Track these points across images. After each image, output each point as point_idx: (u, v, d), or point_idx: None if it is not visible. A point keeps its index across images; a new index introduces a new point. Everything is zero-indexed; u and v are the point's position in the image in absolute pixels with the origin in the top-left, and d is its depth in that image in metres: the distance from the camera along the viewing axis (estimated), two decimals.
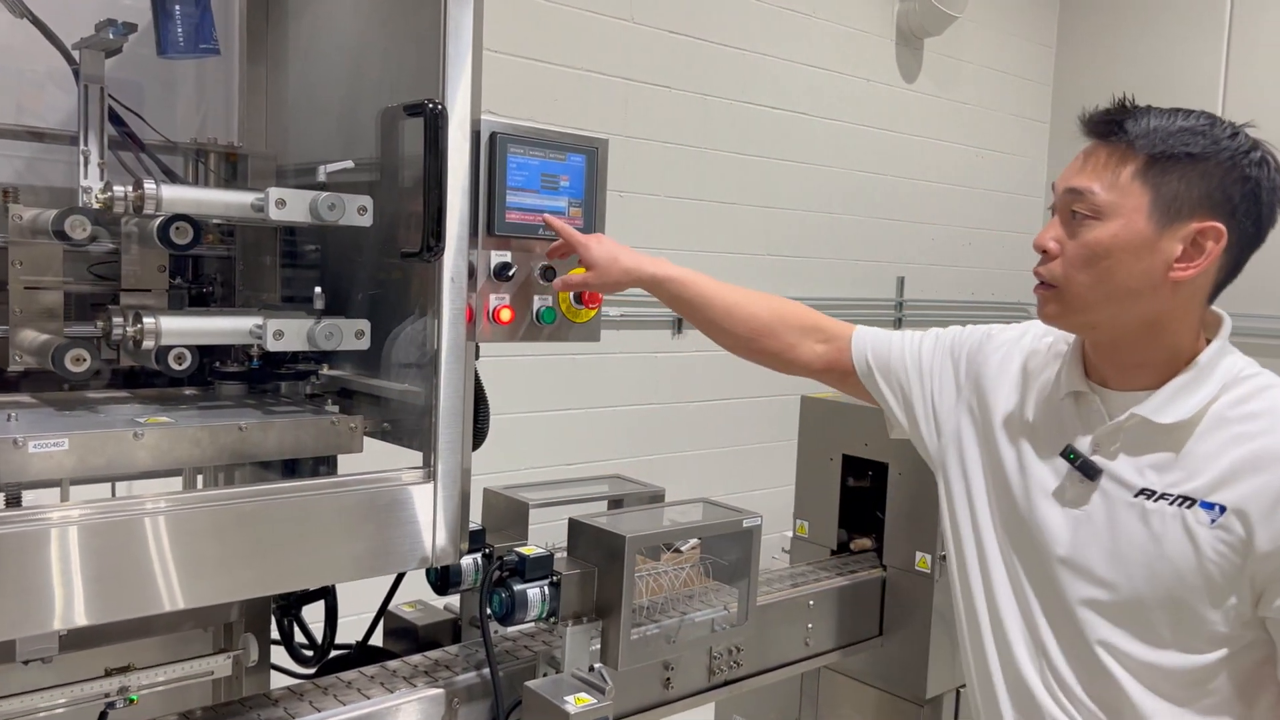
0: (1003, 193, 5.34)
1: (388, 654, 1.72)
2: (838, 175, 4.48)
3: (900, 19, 4.66)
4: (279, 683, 1.56)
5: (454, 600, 1.78)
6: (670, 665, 1.73)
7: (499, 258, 1.47)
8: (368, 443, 1.45)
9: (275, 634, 1.72)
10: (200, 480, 1.64)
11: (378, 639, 1.82)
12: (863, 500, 2.26)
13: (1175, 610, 1.28)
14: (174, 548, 1.18)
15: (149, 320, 1.31)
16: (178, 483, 1.60)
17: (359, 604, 1.77)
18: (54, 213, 1.34)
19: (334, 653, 1.75)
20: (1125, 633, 1.32)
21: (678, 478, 3.84)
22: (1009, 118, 5.35)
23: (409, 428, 1.45)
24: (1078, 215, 1.30)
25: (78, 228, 1.32)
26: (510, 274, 1.47)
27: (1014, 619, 1.43)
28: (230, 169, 1.68)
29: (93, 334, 1.37)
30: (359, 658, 1.72)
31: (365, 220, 1.38)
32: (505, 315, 1.48)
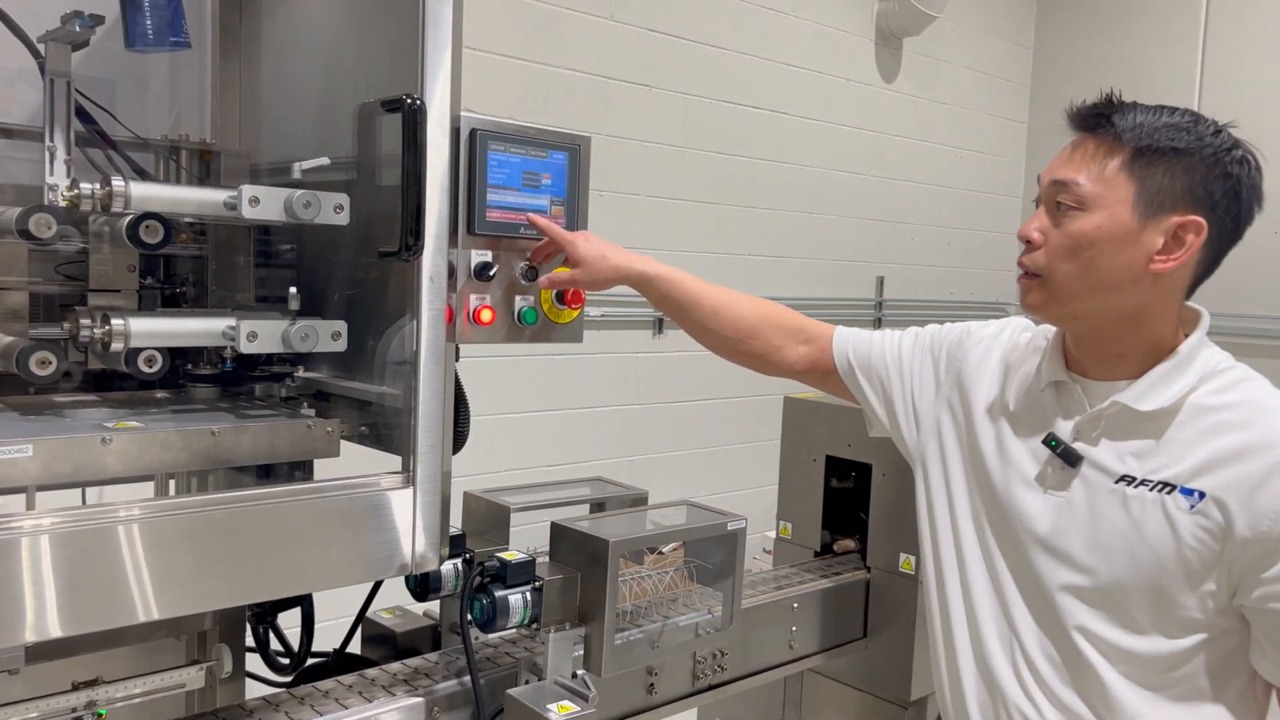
0: (981, 192, 5.36)
1: (366, 662, 1.69)
2: (817, 175, 4.48)
3: (880, 19, 4.67)
4: (254, 692, 1.53)
5: (434, 606, 1.75)
6: (654, 670, 1.71)
7: (479, 257, 1.44)
8: (345, 447, 1.43)
9: (250, 641, 1.69)
10: (173, 486, 1.60)
11: (355, 646, 1.78)
12: (846, 501, 2.25)
13: (1154, 596, 1.30)
14: (148, 556, 1.15)
15: (118, 322, 1.27)
16: (149, 488, 1.57)
17: (336, 610, 1.74)
18: (19, 211, 1.30)
19: (311, 661, 1.72)
20: (1103, 619, 1.34)
21: (659, 478, 3.82)
22: (987, 118, 5.37)
23: (387, 431, 1.42)
24: (1063, 206, 1.33)
25: (43, 226, 1.29)
26: (491, 274, 1.45)
27: (987, 608, 1.44)
28: (204, 167, 1.64)
29: (59, 336, 1.33)
30: (336, 666, 1.70)
31: (342, 218, 1.35)
32: (486, 316, 1.45)
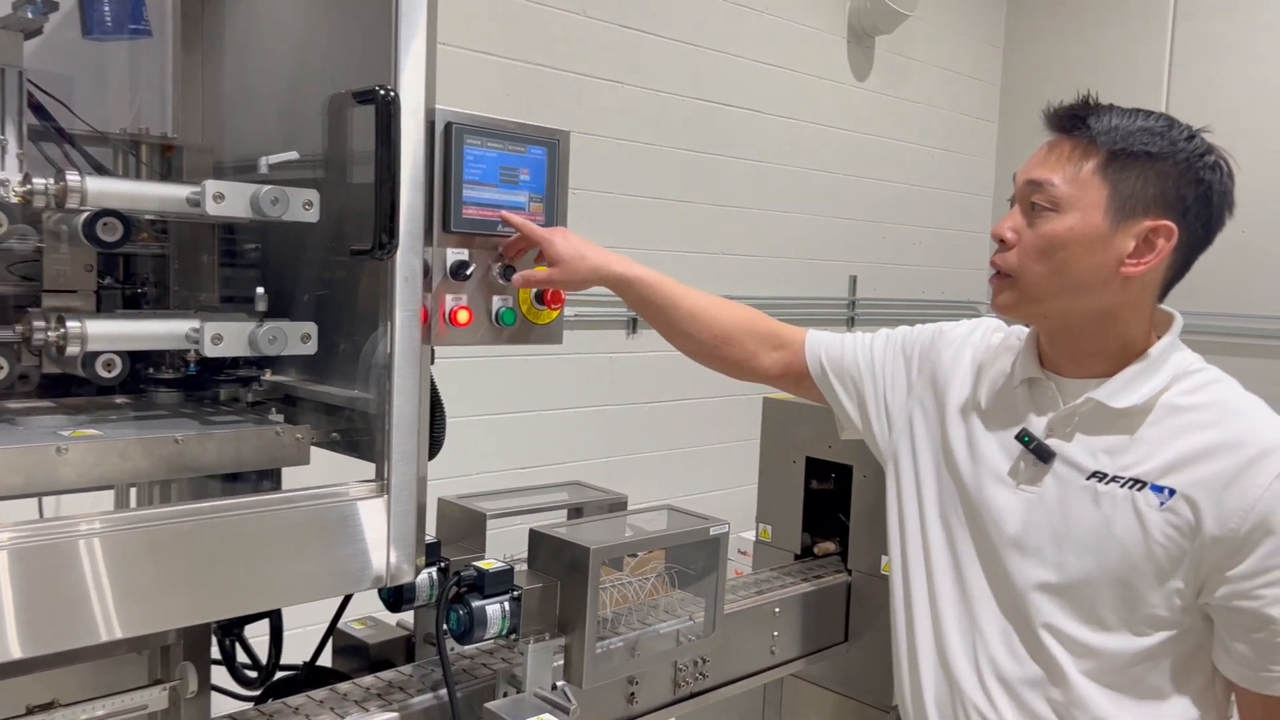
0: (952, 191, 5.37)
1: (337, 675, 1.64)
2: (790, 173, 4.46)
3: (852, 16, 4.65)
4: (220, 707, 1.48)
5: (407, 616, 1.70)
6: (635, 679, 1.68)
7: (456, 256, 1.39)
8: (315, 454, 1.37)
9: (216, 653, 1.63)
10: (134, 496, 1.54)
11: (326, 659, 1.73)
12: (826, 503, 2.22)
13: (1121, 592, 1.31)
14: (109, 572, 1.10)
15: (73, 324, 1.21)
16: (110, 499, 1.50)
17: (306, 619, 1.68)
18: None
19: (279, 674, 1.66)
20: (1071, 616, 1.34)
21: (636, 479, 3.79)
22: (958, 117, 5.38)
23: (360, 437, 1.37)
24: (1037, 207, 1.34)
25: None
26: (468, 273, 1.40)
27: (951, 606, 1.45)
28: (165, 163, 1.58)
29: (12, 339, 1.27)
30: (307, 679, 1.65)
31: (311, 215, 1.29)
32: (463, 316, 1.40)
